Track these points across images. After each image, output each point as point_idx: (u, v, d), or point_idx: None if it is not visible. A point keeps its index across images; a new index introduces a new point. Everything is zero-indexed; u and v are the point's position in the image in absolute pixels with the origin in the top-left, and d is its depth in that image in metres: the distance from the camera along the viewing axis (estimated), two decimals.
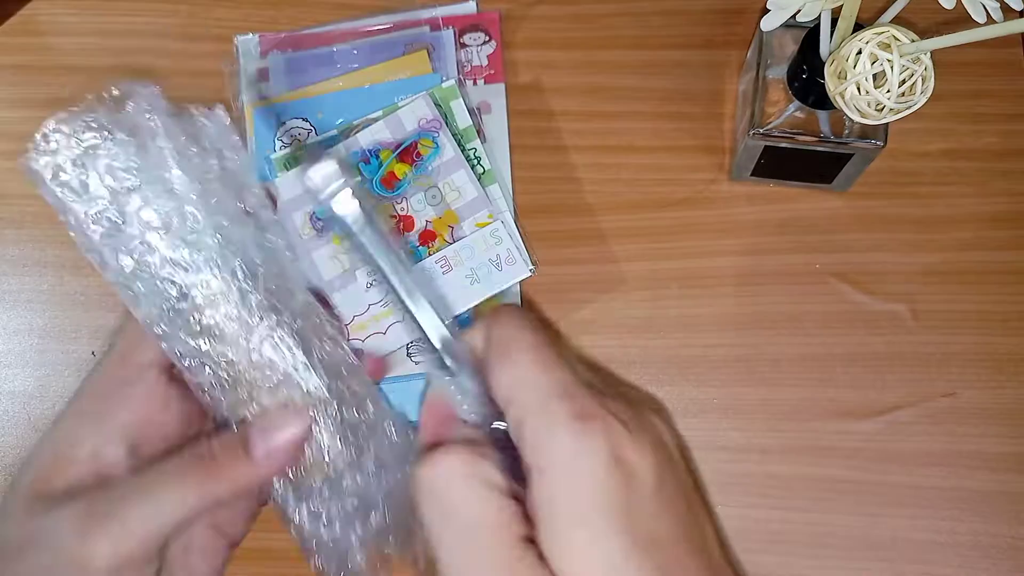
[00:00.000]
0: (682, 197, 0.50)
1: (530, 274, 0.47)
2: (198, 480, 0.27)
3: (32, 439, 0.49)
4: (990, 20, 0.34)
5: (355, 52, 0.52)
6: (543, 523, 0.24)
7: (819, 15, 0.39)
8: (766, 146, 0.45)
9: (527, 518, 0.25)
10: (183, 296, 0.29)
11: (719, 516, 0.45)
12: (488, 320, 0.29)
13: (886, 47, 0.36)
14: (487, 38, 0.52)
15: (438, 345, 0.29)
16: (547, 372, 0.26)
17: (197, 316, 0.29)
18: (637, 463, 0.25)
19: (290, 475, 0.30)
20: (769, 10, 0.38)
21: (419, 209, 0.48)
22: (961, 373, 0.46)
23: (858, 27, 0.38)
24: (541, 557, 0.24)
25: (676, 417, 0.47)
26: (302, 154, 0.30)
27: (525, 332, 0.28)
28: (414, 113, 0.49)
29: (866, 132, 0.43)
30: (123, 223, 0.29)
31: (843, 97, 0.38)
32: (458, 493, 0.25)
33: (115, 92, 0.29)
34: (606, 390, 0.27)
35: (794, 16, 0.38)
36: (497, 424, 0.29)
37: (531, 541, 0.25)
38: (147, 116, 0.29)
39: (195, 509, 0.27)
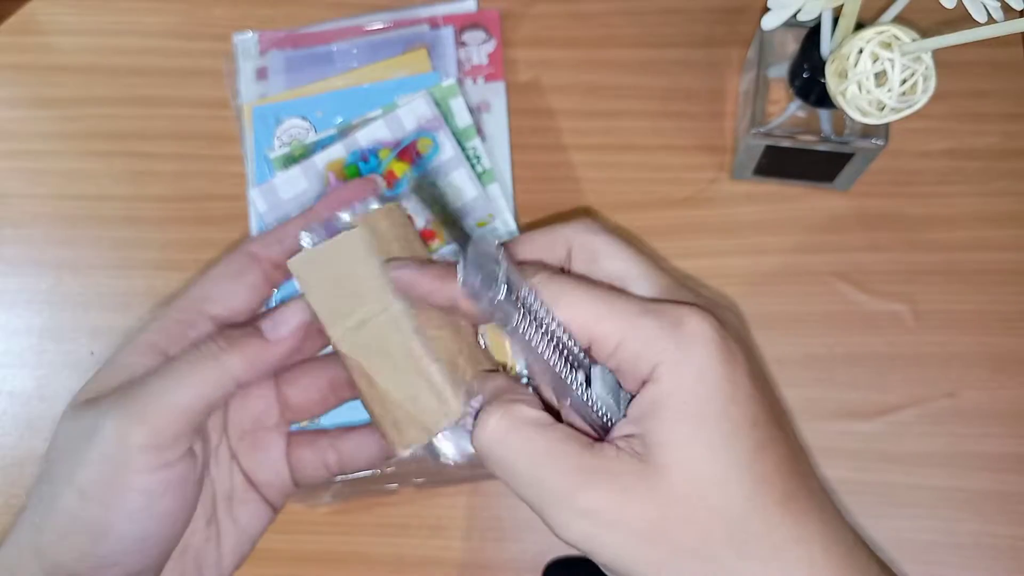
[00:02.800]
0: (683, 196, 0.49)
1: None
2: (219, 360, 0.30)
3: (32, 439, 0.49)
4: (991, 20, 0.34)
5: (354, 51, 0.51)
6: (649, 423, 0.26)
7: (820, 14, 0.38)
8: (767, 145, 0.45)
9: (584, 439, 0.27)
10: None
11: None
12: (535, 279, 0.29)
13: (887, 46, 0.36)
14: (487, 36, 0.52)
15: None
16: (617, 299, 0.27)
17: None
18: (735, 348, 0.26)
19: None
20: (770, 9, 0.38)
21: (419, 209, 0.48)
22: (962, 373, 0.46)
23: (859, 26, 0.38)
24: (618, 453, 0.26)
25: None
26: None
27: (566, 284, 0.28)
28: (413, 112, 0.49)
29: (867, 131, 0.42)
30: None
31: (844, 96, 0.38)
32: (508, 449, 0.27)
33: None
34: (676, 288, 0.29)
35: (795, 15, 0.38)
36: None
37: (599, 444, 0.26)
38: None
39: (218, 385, 0.30)
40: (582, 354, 0.28)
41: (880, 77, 0.36)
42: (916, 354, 0.46)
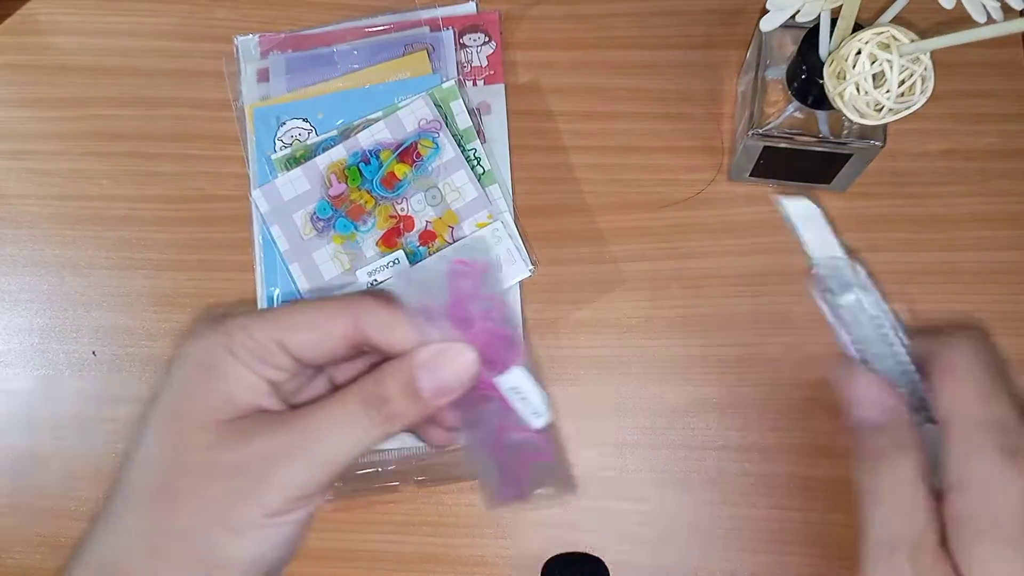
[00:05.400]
0: (681, 197, 0.50)
1: (530, 274, 0.47)
2: (373, 423, 0.29)
3: (31, 439, 0.49)
4: (990, 20, 0.34)
5: (355, 52, 0.52)
6: (956, 534, 0.28)
7: (818, 15, 0.39)
8: (765, 146, 0.45)
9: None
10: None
11: (718, 516, 0.45)
12: (945, 338, 0.32)
13: (885, 47, 0.36)
14: (487, 39, 0.52)
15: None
16: (987, 403, 0.30)
17: None
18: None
19: None
20: (768, 10, 0.38)
21: (419, 209, 0.48)
22: None
23: (857, 27, 0.38)
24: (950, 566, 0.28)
25: (676, 417, 0.47)
26: None
27: (977, 359, 0.31)
28: (414, 114, 0.49)
29: (865, 132, 0.43)
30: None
31: (842, 97, 0.38)
32: (901, 500, 0.30)
33: None
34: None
35: (793, 16, 0.38)
36: (928, 426, 0.32)
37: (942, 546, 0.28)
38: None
39: (368, 447, 0.29)
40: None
41: (878, 78, 0.36)
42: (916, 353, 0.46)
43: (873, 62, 0.36)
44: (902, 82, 0.36)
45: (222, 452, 0.28)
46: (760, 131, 0.44)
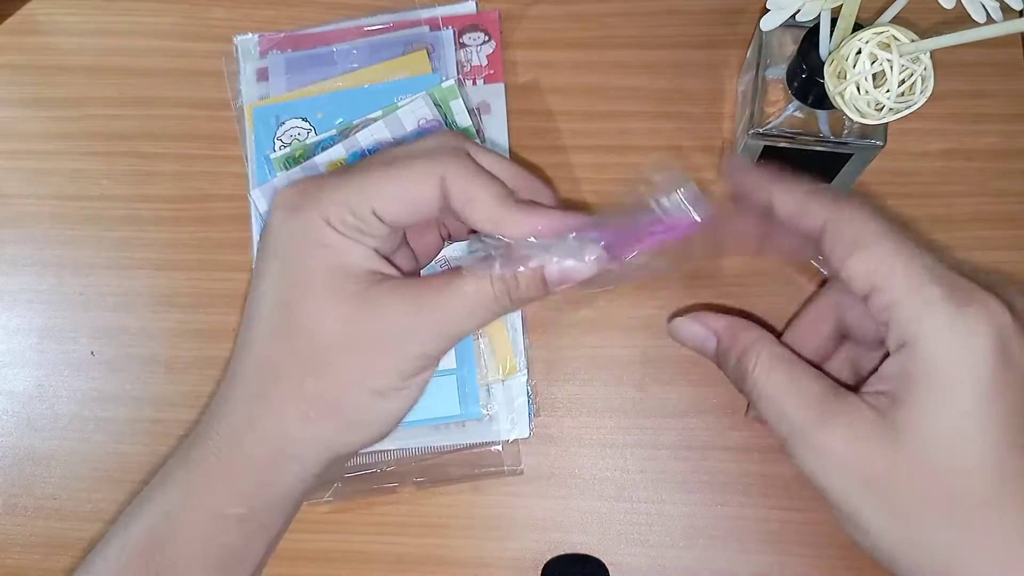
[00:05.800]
0: None
1: None
2: (501, 305, 0.32)
3: (31, 439, 0.49)
4: (990, 20, 0.34)
5: (354, 52, 0.52)
6: (905, 393, 0.26)
7: (819, 15, 0.39)
8: (765, 146, 0.45)
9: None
10: None
11: (718, 516, 0.45)
12: (828, 208, 0.31)
13: (886, 47, 0.36)
14: (486, 38, 0.52)
15: None
16: (913, 258, 0.28)
17: None
18: (1019, 354, 0.26)
19: None
20: (768, 10, 0.38)
21: None
22: None
23: (858, 27, 0.38)
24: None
25: (676, 417, 0.47)
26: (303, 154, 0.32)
27: (875, 221, 0.30)
28: (413, 113, 0.49)
29: (865, 132, 0.42)
30: None
31: (842, 97, 0.38)
32: (764, 383, 0.32)
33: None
34: (978, 278, 0.29)
35: (793, 16, 0.38)
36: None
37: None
38: None
39: (489, 321, 0.32)
40: None
41: (878, 78, 0.36)
42: None
43: (873, 62, 0.36)
44: (902, 82, 0.36)
45: (362, 325, 0.30)
46: (760, 131, 0.44)
